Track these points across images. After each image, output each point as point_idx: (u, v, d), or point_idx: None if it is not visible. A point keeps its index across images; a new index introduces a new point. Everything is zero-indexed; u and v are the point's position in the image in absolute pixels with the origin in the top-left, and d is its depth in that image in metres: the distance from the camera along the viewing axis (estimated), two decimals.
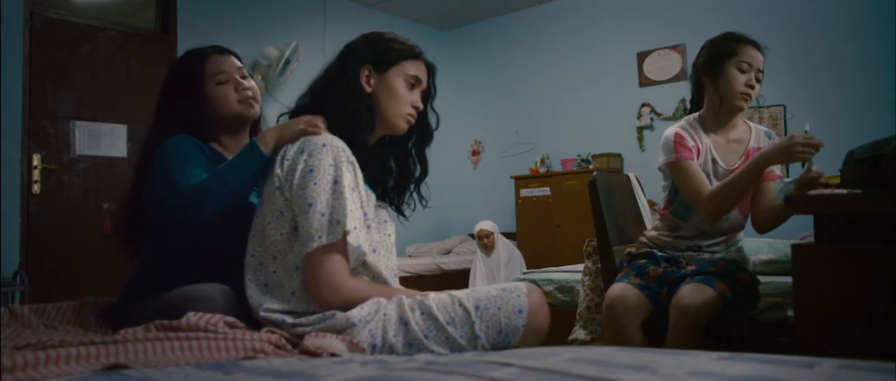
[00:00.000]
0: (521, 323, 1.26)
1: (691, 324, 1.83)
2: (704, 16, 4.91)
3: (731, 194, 1.91)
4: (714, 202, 1.92)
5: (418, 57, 1.50)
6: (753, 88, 2.02)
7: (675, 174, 2.03)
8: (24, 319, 1.43)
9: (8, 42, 3.64)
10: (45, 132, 3.86)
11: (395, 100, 1.45)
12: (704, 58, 2.06)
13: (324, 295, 1.27)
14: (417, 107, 1.49)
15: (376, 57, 1.47)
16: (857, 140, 1.65)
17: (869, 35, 4.27)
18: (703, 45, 2.11)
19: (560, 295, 3.39)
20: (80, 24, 4.06)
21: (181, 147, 1.49)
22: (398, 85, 1.46)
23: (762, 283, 2.17)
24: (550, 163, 5.72)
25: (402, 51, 1.48)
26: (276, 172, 1.34)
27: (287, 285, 1.30)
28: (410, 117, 1.48)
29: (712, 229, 2.06)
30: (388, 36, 1.51)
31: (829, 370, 0.70)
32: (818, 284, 1.31)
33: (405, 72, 1.47)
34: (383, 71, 1.46)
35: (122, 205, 1.65)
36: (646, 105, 5.25)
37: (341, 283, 1.27)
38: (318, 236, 1.25)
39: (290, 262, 1.31)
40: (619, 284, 2.00)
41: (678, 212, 2.11)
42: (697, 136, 2.06)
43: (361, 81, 1.45)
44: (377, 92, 1.46)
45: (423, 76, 1.51)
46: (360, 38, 1.52)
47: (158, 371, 0.90)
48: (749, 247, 3.15)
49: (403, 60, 1.47)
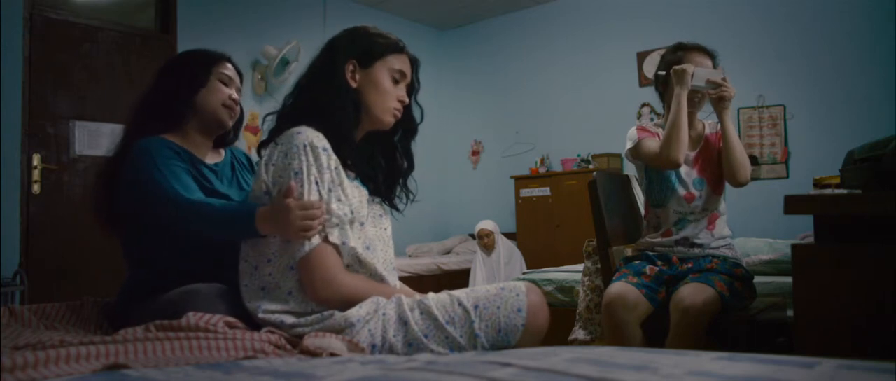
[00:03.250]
0: (520, 322, 1.26)
1: (693, 324, 1.84)
2: (704, 16, 4.91)
3: (675, 128, 2.08)
4: (665, 143, 2.09)
5: (402, 51, 1.49)
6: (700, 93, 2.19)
7: (639, 150, 2.19)
8: (24, 319, 1.43)
9: (8, 42, 3.64)
10: (45, 132, 3.86)
11: (381, 95, 1.45)
12: (661, 69, 2.23)
13: (320, 292, 1.28)
14: (403, 101, 1.48)
15: (360, 52, 1.45)
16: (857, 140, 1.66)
17: (869, 35, 4.27)
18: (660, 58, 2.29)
19: (560, 295, 3.39)
20: (80, 24, 4.06)
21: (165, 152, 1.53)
22: (384, 79, 1.45)
23: (762, 283, 2.18)
24: (550, 163, 5.72)
25: (387, 45, 1.47)
26: (263, 178, 1.35)
27: (283, 285, 1.31)
28: (397, 112, 1.47)
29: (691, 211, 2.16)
30: (371, 30, 1.50)
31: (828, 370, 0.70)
32: (818, 284, 1.31)
33: (390, 66, 1.46)
34: (368, 66, 1.45)
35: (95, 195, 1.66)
36: (646, 105, 5.25)
37: (336, 278, 1.29)
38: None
39: (285, 263, 1.32)
40: (618, 283, 2.02)
41: (655, 200, 2.22)
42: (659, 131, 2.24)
43: (346, 77, 1.44)
44: (362, 87, 1.45)
45: (408, 70, 1.50)
46: (342, 33, 1.51)
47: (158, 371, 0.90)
48: (749, 247, 3.18)
49: (387, 55, 1.46)
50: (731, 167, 2.11)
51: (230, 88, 1.70)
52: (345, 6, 5.69)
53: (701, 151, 2.21)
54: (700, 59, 2.17)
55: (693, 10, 5.00)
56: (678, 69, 2.11)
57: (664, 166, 2.14)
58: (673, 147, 2.07)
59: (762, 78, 4.62)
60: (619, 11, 5.42)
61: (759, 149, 4.65)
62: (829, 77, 4.44)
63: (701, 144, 2.22)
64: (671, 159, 2.08)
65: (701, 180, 2.18)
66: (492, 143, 6.27)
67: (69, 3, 4.11)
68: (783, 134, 4.58)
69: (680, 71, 2.11)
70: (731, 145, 2.10)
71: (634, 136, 2.22)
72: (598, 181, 2.28)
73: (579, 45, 5.66)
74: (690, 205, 2.16)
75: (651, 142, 2.17)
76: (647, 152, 2.16)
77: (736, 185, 2.13)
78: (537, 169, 5.63)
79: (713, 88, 2.12)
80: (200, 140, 1.68)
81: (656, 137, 2.19)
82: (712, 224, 2.18)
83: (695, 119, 2.24)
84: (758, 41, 4.68)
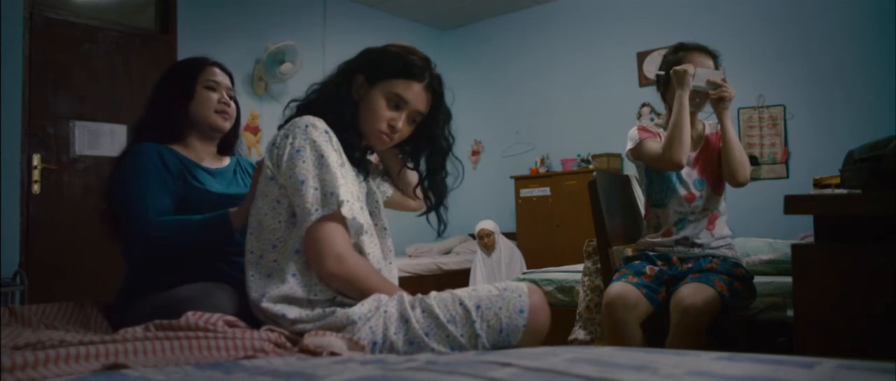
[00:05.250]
0: (522, 323, 1.26)
1: (693, 324, 1.84)
2: (704, 16, 4.91)
3: (678, 129, 2.08)
4: (667, 144, 2.09)
5: (413, 78, 1.45)
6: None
7: (640, 151, 2.19)
8: (24, 319, 1.43)
9: (8, 42, 3.63)
10: (45, 132, 3.86)
11: (371, 115, 1.44)
12: (661, 70, 2.22)
13: (327, 265, 1.28)
14: (394, 127, 1.45)
15: (371, 69, 1.47)
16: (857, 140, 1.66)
17: (869, 35, 4.27)
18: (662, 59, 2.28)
19: (560, 295, 3.39)
20: (80, 24, 4.06)
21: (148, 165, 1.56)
22: (377, 102, 1.44)
23: (762, 283, 2.18)
24: (550, 163, 5.72)
25: (397, 69, 1.45)
26: (267, 163, 1.37)
27: (287, 269, 1.32)
28: (385, 136, 1.46)
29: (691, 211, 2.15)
30: (393, 50, 1.49)
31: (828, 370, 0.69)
32: (818, 284, 1.31)
33: (390, 90, 1.44)
34: (372, 84, 1.46)
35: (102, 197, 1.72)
36: (646, 105, 5.25)
37: (344, 253, 1.29)
38: (314, 209, 1.29)
39: (290, 246, 1.33)
40: (618, 283, 2.03)
41: (655, 201, 2.21)
42: (660, 131, 2.23)
43: (352, 88, 1.47)
44: (361, 103, 1.46)
45: (416, 100, 1.46)
46: (379, 47, 1.52)
47: (158, 371, 0.90)
48: (749, 247, 3.18)
49: (393, 78, 1.45)
50: (730, 168, 2.11)
51: (218, 92, 1.72)
52: (345, 6, 5.69)
53: (701, 152, 2.21)
54: (701, 59, 2.16)
55: (693, 10, 4.99)
56: (679, 70, 2.11)
57: (666, 167, 2.14)
58: (675, 148, 2.07)
59: (762, 78, 4.62)
60: (619, 11, 5.42)
61: (759, 149, 4.65)
62: (829, 77, 4.44)
63: (701, 145, 2.22)
64: (674, 161, 2.08)
65: (701, 181, 2.18)
66: (492, 143, 6.27)
67: (69, 3, 4.11)
68: (783, 134, 4.58)
69: (681, 72, 2.11)
70: (731, 146, 2.11)
71: (635, 136, 2.22)
72: (598, 181, 2.29)
73: (579, 45, 5.66)
74: (691, 205, 2.16)
75: (653, 143, 2.17)
76: (648, 153, 2.16)
77: (735, 185, 2.13)
78: (537, 169, 5.63)
79: (713, 89, 2.12)
80: (201, 147, 1.72)
81: (657, 138, 2.19)
82: (712, 224, 2.18)
83: (696, 120, 2.24)
84: (758, 41, 4.68)
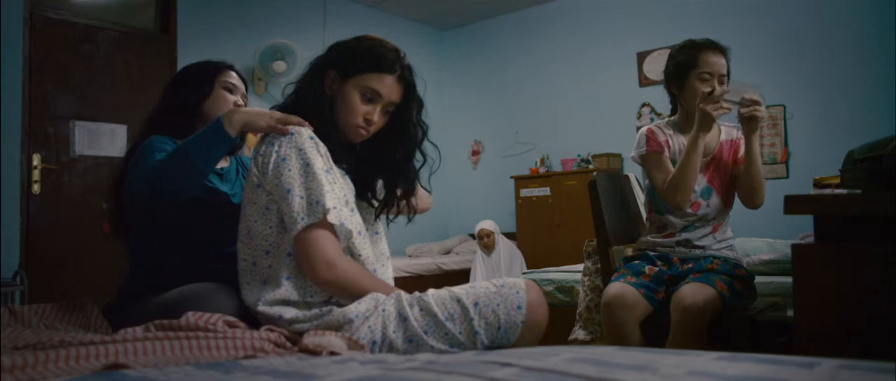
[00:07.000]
0: (520, 319, 1.26)
1: (694, 324, 1.84)
2: (704, 16, 4.91)
3: (684, 175, 2.02)
4: (672, 187, 2.04)
5: (385, 70, 1.44)
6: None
7: (645, 165, 2.15)
8: (24, 319, 1.43)
9: (8, 42, 3.63)
10: (45, 132, 3.86)
11: (346, 109, 1.44)
12: (670, 69, 2.15)
13: (318, 272, 1.28)
14: (369, 120, 1.44)
15: (343, 64, 1.46)
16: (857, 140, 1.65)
17: (869, 35, 4.27)
18: (669, 55, 2.19)
19: (560, 295, 3.39)
20: (80, 24, 4.06)
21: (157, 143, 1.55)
22: (351, 96, 1.43)
23: (762, 283, 2.18)
24: (550, 163, 5.72)
25: (370, 62, 1.44)
26: (253, 171, 1.37)
27: (281, 273, 1.32)
28: (361, 130, 1.45)
29: (697, 219, 2.12)
30: (364, 44, 1.47)
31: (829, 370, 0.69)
32: (818, 284, 1.31)
33: (363, 84, 1.43)
34: (345, 78, 1.45)
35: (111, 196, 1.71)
36: (646, 105, 5.25)
37: (334, 258, 1.29)
38: (300, 218, 1.28)
39: (283, 250, 1.33)
40: (616, 283, 2.02)
41: (658, 207, 2.19)
42: (670, 134, 2.17)
43: (325, 84, 1.46)
44: (335, 98, 1.46)
45: (389, 92, 1.45)
46: (347, 40, 1.51)
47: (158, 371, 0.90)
48: (749, 247, 3.18)
49: (366, 72, 1.43)
50: (749, 190, 2.06)
51: (235, 96, 1.74)
52: (345, 6, 5.69)
53: (713, 159, 2.15)
54: (713, 59, 2.07)
55: (693, 10, 4.99)
56: (704, 110, 1.96)
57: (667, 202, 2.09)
58: (679, 195, 2.02)
59: (762, 78, 4.62)
60: (619, 11, 5.42)
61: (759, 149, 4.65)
62: (829, 77, 4.44)
63: (714, 152, 2.15)
64: (676, 204, 2.04)
65: (709, 189, 2.13)
66: (492, 143, 6.27)
67: (69, 3, 4.11)
68: (783, 134, 4.58)
69: (706, 113, 1.95)
70: (755, 169, 2.04)
71: (643, 143, 2.15)
72: (598, 181, 2.28)
73: (579, 45, 5.66)
74: (697, 213, 2.12)
75: (657, 173, 2.10)
76: (653, 176, 2.11)
77: (751, 207, 2.09)
78: (537, 169, 5.63)
79: (746, 106, 1.98)
80: None
81: (664, 153, 2.12)
82: (716, 229, 2.16)
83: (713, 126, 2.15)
84: (758, 41, 4.68)
